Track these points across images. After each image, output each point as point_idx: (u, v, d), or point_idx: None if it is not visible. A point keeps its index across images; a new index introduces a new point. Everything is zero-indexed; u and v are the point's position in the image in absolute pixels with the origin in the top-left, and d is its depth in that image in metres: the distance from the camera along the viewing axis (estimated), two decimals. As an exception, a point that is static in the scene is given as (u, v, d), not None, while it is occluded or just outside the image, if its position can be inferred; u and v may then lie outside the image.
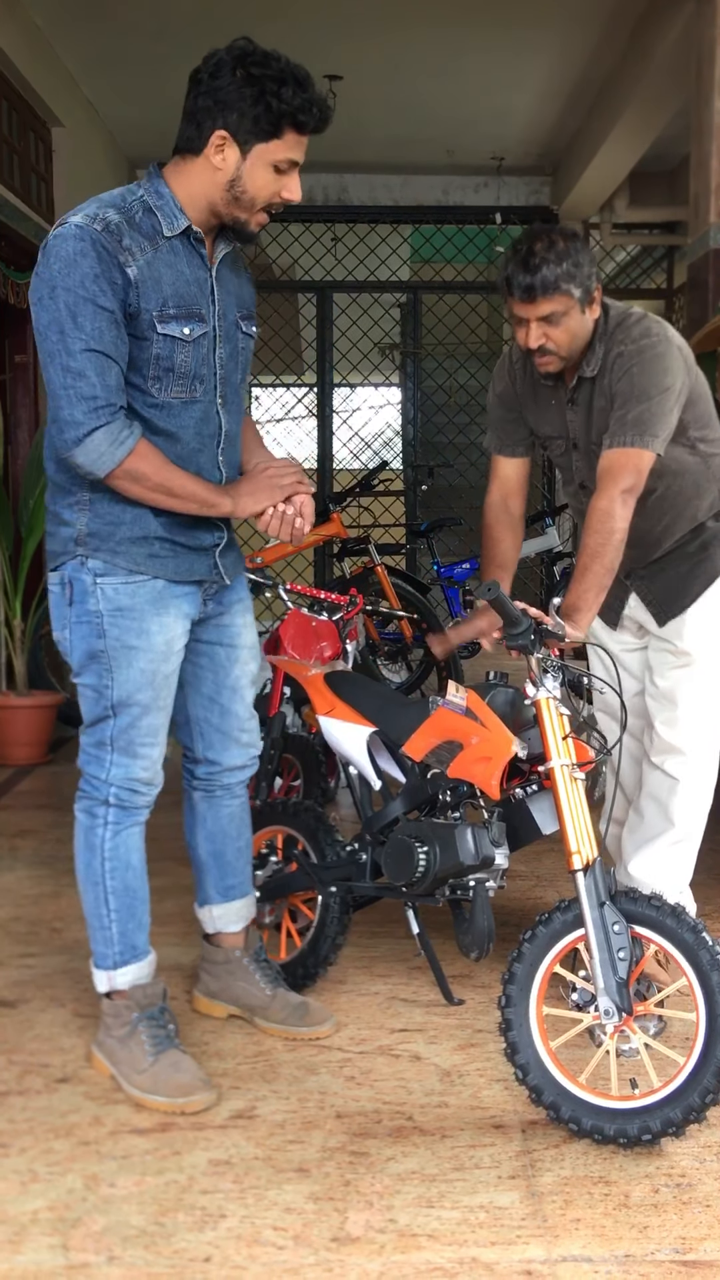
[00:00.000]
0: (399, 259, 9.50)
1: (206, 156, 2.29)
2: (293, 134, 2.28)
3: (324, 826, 2.88)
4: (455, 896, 2.58)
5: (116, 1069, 2.48)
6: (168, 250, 2.31)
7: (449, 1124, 2.33)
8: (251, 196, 2.32)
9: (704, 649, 2.80)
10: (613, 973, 2.23)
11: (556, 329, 2.59)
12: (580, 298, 2.57)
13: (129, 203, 2.30)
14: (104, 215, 2.24)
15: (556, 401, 2.80)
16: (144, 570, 2.39)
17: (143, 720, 2.44)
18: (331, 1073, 2.53)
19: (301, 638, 3.50)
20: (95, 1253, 1.94)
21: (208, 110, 2.26)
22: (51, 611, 2.46)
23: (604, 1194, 2.09)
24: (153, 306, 2.29)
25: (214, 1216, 2.03)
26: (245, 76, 2.23)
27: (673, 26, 5.86)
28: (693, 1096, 2.14)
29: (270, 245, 9.19)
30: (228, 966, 2.74)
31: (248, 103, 2.23)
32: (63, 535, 2.41)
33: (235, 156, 2.28)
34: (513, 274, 2.57)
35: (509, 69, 7.17)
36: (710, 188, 5.24)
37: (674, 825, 2.81)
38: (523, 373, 2.85)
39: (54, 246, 2.23)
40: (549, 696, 2.36)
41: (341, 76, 7.03)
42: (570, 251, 2.54)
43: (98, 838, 2.47)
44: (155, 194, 2.32)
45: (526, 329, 2.60)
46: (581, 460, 2.80)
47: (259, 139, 2.27)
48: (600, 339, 2.67)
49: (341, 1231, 1.99)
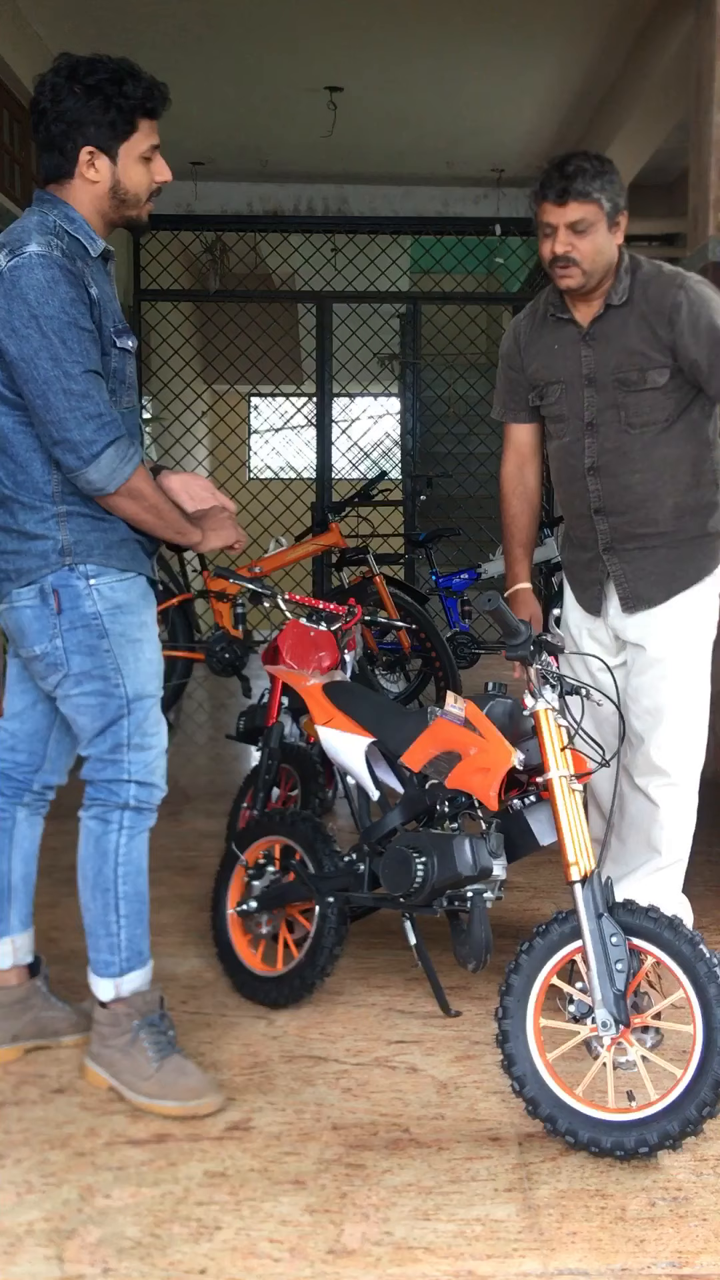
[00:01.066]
0: (399, 269, 9.52)
1: (80, 175, 2.40)
2: (145, 122, 2.39)
3: (322, 837, 2.88)
4: (453, 907, 2.57)
5: (118, 1079, 2.47)
6: (98, 270, 2.42)
7: (445, 1136, 2.32)
8: (135, 194, 2.44)
9: (677, 655, 2.77)
10: (610, 985, 2.23)
11: (583, 240, 2.65)
12: (609, 211, 2.66)
13: (55, 229, 2.36)
14: (54, 242, 2.32)
15: (563, 343, 2.83)
16: (132, 568, 2.47)
17: (153, 711, 2.50)
18: (328, 1084, 2.52)
19: (300, 648, 3.49)
20: (90, 1264, 1.93)
21: (64, 134, 2.36)
22: (27, 629, 2.43)
23: (600, 1207, 2.09)
24: (109, 323, 2.41)
25: (209, 1228, 2.03)
26: (85, 89, 2.33)
27: (672, 40, 5.89)
28: (690, 1109, 2.14)
29: (270, 255, 9.21)
30: (26, 1002, 2.67)
31: (98, 113, 2.34)
32: (38, 550, 2.40)
33: (106, 164, 2.39)
34: (547, 177, 2.65)
35: (509, 81, 7.19)
36: (709, 200, 5.25)
37: (659, 854, 2.81)
38: (536, 321, 2.90)
39: (22, 276, 2.27)
40: (547, 708, 2.36)
41: (342, 88, 7.06)
42: (605, 167, 2.67)
43: (111, 843, 2.48)
44: (67, 219, 2.40)
45: (554, 236, 2.67)
46: (597, 396, 2.79)
47: (120, 140, 2.38)
48: (626, 270, 2.74)
49: (337, 1244, 1.98)
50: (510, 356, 2.97)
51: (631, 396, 2.75)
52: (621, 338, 2.74)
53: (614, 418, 2.77)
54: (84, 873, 2.52)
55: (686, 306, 2.67)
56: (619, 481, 2.80)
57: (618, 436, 2.78)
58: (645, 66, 6.43)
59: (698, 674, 2.80)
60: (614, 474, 2.80)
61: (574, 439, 2.85)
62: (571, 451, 2.85)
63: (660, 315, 2.69)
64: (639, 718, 2.79)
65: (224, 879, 3.08)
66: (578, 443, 2.84)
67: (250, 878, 2.98)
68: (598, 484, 2.82)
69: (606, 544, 2.83)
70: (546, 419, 2.95)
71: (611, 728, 2.76)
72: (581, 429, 2.83)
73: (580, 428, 2.83)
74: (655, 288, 2.72)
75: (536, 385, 2.91)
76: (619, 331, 2.74)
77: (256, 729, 3.64)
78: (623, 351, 2.73)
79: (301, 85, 7.16)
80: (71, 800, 2.53)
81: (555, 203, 2.63)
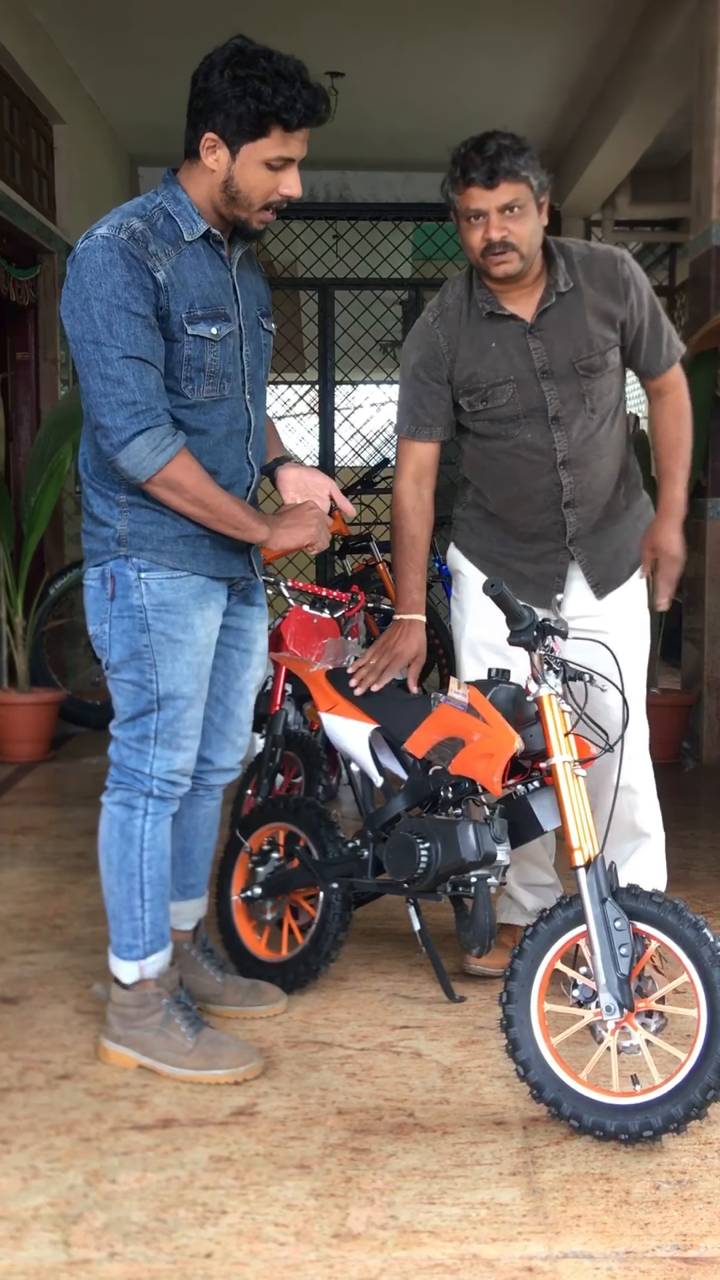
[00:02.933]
0: (401, 256, 9.49)
1: (202, 159, 2.34)
2: (279, 131, 2.29)
3: (326, 823, 2.88)
4: (457, 893, 2.57)
5: (153, 1057, 2.49)
6: (190, 254, 2.37)
7: (450, 1121, 2.33)
8: (246, 196, 2.35)
9: (638, 633, 2.86)
10: (614, 969, 2.23)
11: (517, 223, 2.56)
12: (536, 191, 2.58)
13: (150, 210, 2.35)
14: (128, 224, 2.30)
15: (502, 340, 2.72)
16: (186, 567, 2.45)
17: (187, 713, 2.49)
18: (333, 1069, 2.53)
19: (303, 635, 3.49)
20: (96, 1249, 1.94)
21: (200, 113, 2.32)
22: (89, 607, 2.50)
23: (605, 1190, 2.09)
24: (181, 309, 2.34)
25: (215, 1213, 2.03)
26: (231, 77, 2.26)
27: (675, 23, 5.85)
28: (694, 1093, 2.14)
29: (272, 242, 9.19)
30: (178, 961, 2.73)
31: (232, 104, 2.27)
32: (103, 535, 2.46)
33: (225, 157, 2.33)
34: (468, 161, 2.53)
35: (511, 66, 7.16)
36: (712, 184, 5.23)
37: (649, 835, 2.86)
38: (455, 320, 2.75)
39: (83, 259, 2.29)
40: (551, 693, 2.36)
41: (344, 73, 7.02)
42: (525, 144, 2.56)
43: (137, 829, 2.50)
44: (173, 200, 2.38)
45: (486, 222, 2.56)
46: (556, 387, 2.72)
47: (245, 139, 2.30)
48: (558, 254, 2.68)
49: (343, 1228, 1.99)
50: (429, 367, 2.78)
51: (594, 381, 2.73)
52: (574, 323, 2.69)
53: (579, 406, 2.74)
54: (108, 857, 2.53)
55: (634, 279, 2.70)
56: (590, 469, 2.79)
57: (585, 425, 2.76)
58: (648, 50, 6.40)
59: (646, 648, 2.93)
60: (586, 463, 2.79)
61: (536, 435, 2.76)
62: (535, 449, 2.77)
63: (612, 293, 2.68)
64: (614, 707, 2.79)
65: (228, 865, 3.09)
66: (543, 438, 2.76)
67: (255, 864, 2.99)
68: (570, 476, 2.78)
69: (574, 535, 2.83)
70: (486, 422, 2.79)
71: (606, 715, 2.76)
72: (546, 424, 2.76)
73: (544, 423, 2.76)
74: (598, 267, 2.70)
75: (475, 389, 2.76)
76: (570, 318, 2.69)
77: (260, 716, 3.64)
78: (579, 337, 2.69)
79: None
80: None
81: (484, 185, 2.52)
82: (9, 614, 5.56)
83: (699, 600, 5.46)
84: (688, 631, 5.70)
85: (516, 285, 2.68)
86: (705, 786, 5.14)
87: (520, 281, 2.67)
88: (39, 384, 6.82)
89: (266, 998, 2.77)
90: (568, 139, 8.51)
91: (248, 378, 2.50)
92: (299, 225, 9.21)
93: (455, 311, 2.77)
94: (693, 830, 4.31)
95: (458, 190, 2.58)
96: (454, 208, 2.64)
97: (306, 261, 9.38)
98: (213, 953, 2.83)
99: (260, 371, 2.56)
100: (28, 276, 6.57)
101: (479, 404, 2.78)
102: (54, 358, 6.82)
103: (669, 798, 3.09)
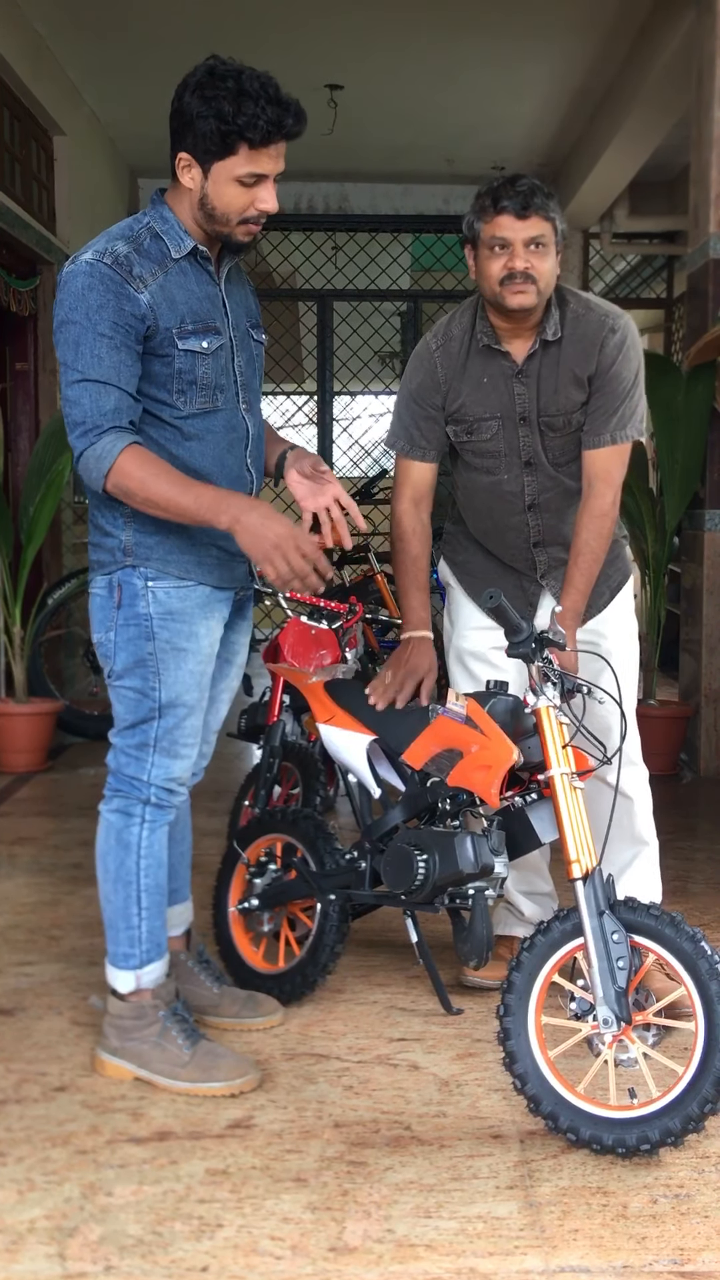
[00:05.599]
0: (399, 267, 9.52)
1: (179, 178, 2.39)
2: (245, 149, 2.31)
3: (323, 834, 2.88)
4: (454, 905, 2.57)
5: (149, 1069, 2.49)
6: (178, 271, 2.41)
7: (447, 1134, 2.32)
8: (223, 213, 2.39)
9: (628, 648, 2.90)
10: (611, 982, 2.23)
11: (539, 258, 2.60)
12: (558, 235, 2.62)
13: (136, 231, 2.40)
14: (112, 249, 2.35)
15: (493, 377, 2.75)
16: (192, 577, 2.47)
17: (187, 721, 2.51)
18: (329, 1082, 2.52)
19: (301, 645, 3.49)
20: (92, 1262, 1.93)
21: (175, 133, 2.37)
22: (94, 615, 2.52)
23: (602, 1204, 2.09)
24: (172, 325, 2.38)
25: (211, 1226, 2.03)
26: (200, 98, 2.30)
27: (673, 36, 5.88)
28: (691, 1106, 2.14)
29: (271, 254, 9.20)
30: (174, 972, 2.73)
31: (199, 123, 2.31)
32: (109, 545, 2.49)
33: (199, 176, 2.37)
34: (501, 191, 2.58)
35: (509, 78, 7.18)
36: (710, 197, 5.25)
37: (646, 843, 2.87)
38: (456, 352, 2.78)
39: (66, 283, 2.36)
40: (549, 705, 2.36)
41: (342, 86, 7.04)
42: (553, 191, 2.62)
43: (134, 836, 2.51)
44: (160, 219, 2.43)
45: (510, 253, 2.60)
46: (531, 435, 2.74)
47: (214, 157, 2.33)
48: (556, 304, 2.69)
49: (339, 1241, 1.98)
50: (426, 392, 2.80)
51: (559, 438, 2.76)
52: (552, 378, 2.71)
53: (548, 458, 2.78)
54: (105, 866, 2.54)
55: (617, 348, 2.67)
56: (558, 515, 2.83)
57: (554, 475, 2.80)
58: (646, 63, 6.43)
59: (635, 655, 2.98)
60: (554, 509, 2.83)
61: (511, 476, 2.79)
62: (508, 488, 2.81)
63: (587, 355, 2.68)
64: (609, 714, 2.80)
65: (225, 877, 3.08)
66: (515, 480, 2.79)
67: (252, 875, 2.98)
68: (538, 520, 2.83)
69: (544, 571, 2.89)
70: (471, 454, 2.82)
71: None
72: (520, 466, 2.79)
73: (519, 465, 2.78)
74: (585, 325, 2.70)
75: (463, 421, 2.79)
76: (550, 371, 2.71)
77: (258, 727, 3.64)
78: (551, 391, 2.71)
79: (301, 83, 7.06)
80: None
81: (517, 215, 2.57)
82: (7, 624, 5.56)
83: (696, 612, 5.46)
84: (685, 643, 5.70)
85: (519, 324, 2.70)
86: (703, 798, 5.14)
87: (525, 320, 2.69)
88: (38, 394, 6.83)
89: (263, 1009, 2.77)
90: (566, 151, 8.54)
91: (242, 388, 2.53)
92: (298, 236, 9.23)
93: (458, 343, 2.80)
94: (690, 842, 4.31)
95: (486, 218, 2.61)
96: (476, 237, 2.66)
97: (305, 273, 9.39)
98: (209, 964, 2.83)
99: (255, 381, 2.60)
100: (27, 287, 6.58)
101: (464, 435, 2.82)
102: (53, 368, 6.83)
103: (666, 810, 3.10)
